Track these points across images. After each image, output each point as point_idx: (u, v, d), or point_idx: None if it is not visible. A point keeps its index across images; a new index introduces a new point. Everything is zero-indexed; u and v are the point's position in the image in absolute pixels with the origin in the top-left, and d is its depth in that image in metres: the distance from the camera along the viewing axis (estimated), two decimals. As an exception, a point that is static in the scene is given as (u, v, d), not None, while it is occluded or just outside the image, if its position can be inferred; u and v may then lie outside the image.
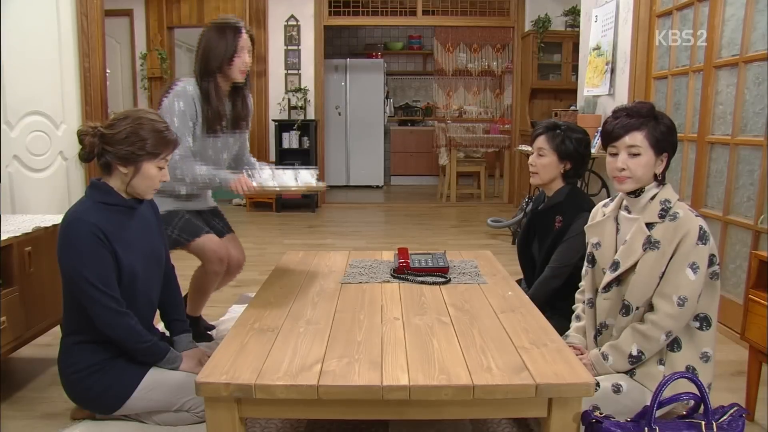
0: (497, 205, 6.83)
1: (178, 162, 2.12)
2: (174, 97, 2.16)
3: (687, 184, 3.14)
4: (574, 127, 2.15)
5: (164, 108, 2.17)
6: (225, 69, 2.18)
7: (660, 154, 1.60)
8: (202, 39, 2.21)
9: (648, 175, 1.61)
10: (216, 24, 2.22)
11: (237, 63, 2.18)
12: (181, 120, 2.15)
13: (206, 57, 2.18)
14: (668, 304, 1.55)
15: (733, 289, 2.78)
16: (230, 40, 2.17)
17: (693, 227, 1.54)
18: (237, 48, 2.17)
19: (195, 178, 2.16)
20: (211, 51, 2.17)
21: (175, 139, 1.78)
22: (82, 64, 3.20)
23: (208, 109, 2.19)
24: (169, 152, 1.76)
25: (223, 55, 2.16)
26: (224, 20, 2.23)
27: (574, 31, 5.85)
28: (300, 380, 1.31)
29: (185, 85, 2.18)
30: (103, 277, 1.66)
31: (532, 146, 2.18)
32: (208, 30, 2.22)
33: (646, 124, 1.59)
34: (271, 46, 6.45)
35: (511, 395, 1.30)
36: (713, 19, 2.90)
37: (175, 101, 2.15)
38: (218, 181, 2.15)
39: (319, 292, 1.95)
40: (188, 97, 2.16)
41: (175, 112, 2.14)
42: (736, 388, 2.13)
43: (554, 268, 2.09)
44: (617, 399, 1.56)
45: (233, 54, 2.17)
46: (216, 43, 2.17)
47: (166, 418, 1.81)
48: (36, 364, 2.36)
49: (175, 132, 1.99)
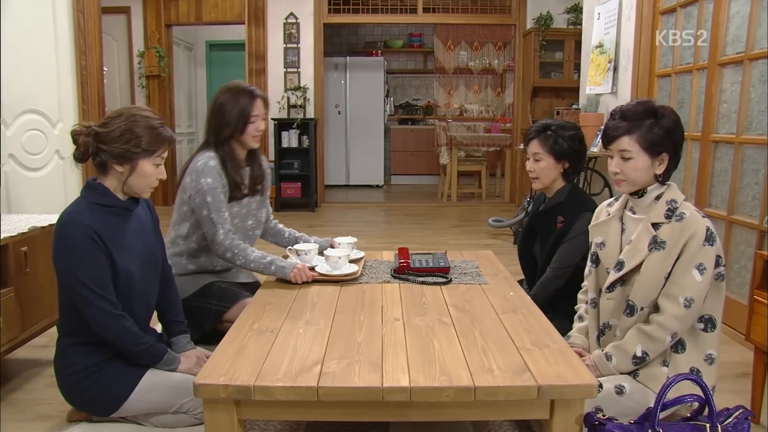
0: (498, 204, 6.81)
1: (225, 243, 2.06)
2: (199, 177, 2.08)
3: (691, 183, 3.12)
4: (565, 125, 2.14)
5: (189, 188, 2.10)
6: (238, 135, 2.14)
7: (656, 156, 1.57)
8: (215, 104, 2.16)
9: (644, 177, 1.59)
10: (229, 89, 2.18)
11: (251, 130, 2.15)
12: (214, 196, 2.07)
13: (220, 123, 2.13)
14: (674, 306, 1.53)
15: (738, 289, 2.76)
16: (244, 106, 2.13)
17: (700, 228, 1.53)
18: (251, 114, 2.14)
19: (247, 263, 2.07)
20: (224, 117, 2.13)
21: (171, 135, 1.75)
22: (79, 62, 3.19)
23: (227, 177, 2.13)
24: (165, 149, 1.73)
25: (236, 121, 2.12)
26: (237, 85, 2.19)
27: (576, 28, 5.83)
28: (299, 382, 1.29)
29: (207, 161, 2.10)
30: (97, 279, 1.64)
31: (527, 152, 2.16)
32: (220, 95, 2.17)
33: (639, 127, 1.56)
34: (271, 44, 6.43)
35: (512, 397, 1.29)
36: (718, 16, 2.88)
37: (202, 180, 2.07)
38: (273, 269, 2.05)
39: (319, 292, 1.93)
40: (213, 171, 2.09)
41: (206, 189, 2.07)
42: (740, 390, 2.11)
43: (556, 268, 2.07)
44: (620, 400, 1.54)
45: (247, 120, 2.13)
46: (229, 108, 2.12)
47: (164, 420, 1.80)
48: (32, 365, 2.35)
49: (213, 215, 2.05)
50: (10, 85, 2.75)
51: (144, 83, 6.48)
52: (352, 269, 2.06)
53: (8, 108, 2.75)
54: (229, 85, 2.20)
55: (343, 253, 2.06)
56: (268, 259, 2.07)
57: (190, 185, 2.11)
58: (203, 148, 2.19)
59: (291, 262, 2.06)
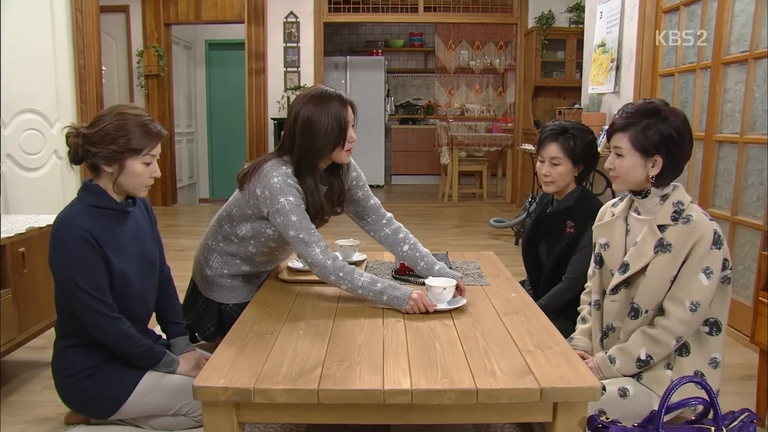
0: (500, 204, 6.80)
1: (328, 264, 1.76)
2: (278, 195, 1.79)
3: (694, 183, 3.10)
4: (582, 128, 2.09)
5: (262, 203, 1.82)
6: (332, 153, 1.84)
7: (649, 157, 1.55)
8: (299, 118, 1.82)
9: (635, 177, 1.57)
10: (312, 96, 1.84)
11: (346, 145, 1.84)
12: (299, 214, 1.78)
13: (310, 141, 1.80)
14: (680, 309, 1.51)
15: (742, 290, 2.74)
16: (339, 116, 1.80)
17: (707, 231, 1.51)
18: (347, 126, 1.82)
19: (354, 288, 1.75)
20: (315, 134, 1.80)
21: (159, 131, 1.69)
22: (77, 61, 3.17)
23: (310, 203, 1.85)
24: (154, 146, 1.69)
25: (332, 137, 1.80)
26: (321, 91, 1.85)
27: (578, 27, 5.81)
28: (300, 384, 1.28)
29: (285, 179, 1.80)
30: (94, 282, 1.63)
31: (542, 154, 2.08)
32: (303, 105, 1.83)
33: (634, 126, 1.54)
34: (270, 44, 6.42)
35: (515, 399, 1.28)
36: (722, 15, 2.86)
37: (282, 199, 1.78)
38: (386, 299, 1.72)
39: (319, 293, 1.92)
40: (292, 188, 1.81)
41: (288, 209, 1.78)
42: (745, 392, 2.09)
43: (571, 279, 2.02)
44: (624, 403, 1.53)
45: (345, 134, 1.82)
46: (320, 122, 1.80)
47: (163, 423, 1.78)
48: (29, 367, 2.33)
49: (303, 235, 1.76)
50: (8, 84, 2.73)
51: (143, 83, 6.46)
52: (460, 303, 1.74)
53: (6, 107, 2.74)
54: (311, 92, 1.86)
55: (448, 284, 1.74)
56: (378, 287, 1.74)
57: (261, 198, 1.83)
58: (277, 156, 1.89)
59: (406, 291, 1.73)
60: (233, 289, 2.03)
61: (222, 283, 2.02)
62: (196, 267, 2.10)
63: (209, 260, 2.03)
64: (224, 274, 2.01)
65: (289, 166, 1.85)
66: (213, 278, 2.02)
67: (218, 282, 2.02)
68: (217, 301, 2.03)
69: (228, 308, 2.02)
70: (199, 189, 7.78)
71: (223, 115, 7.63)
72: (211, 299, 2.03)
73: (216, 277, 2.02)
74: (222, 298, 2.02)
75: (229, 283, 2.02)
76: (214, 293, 2.03)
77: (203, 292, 2.05)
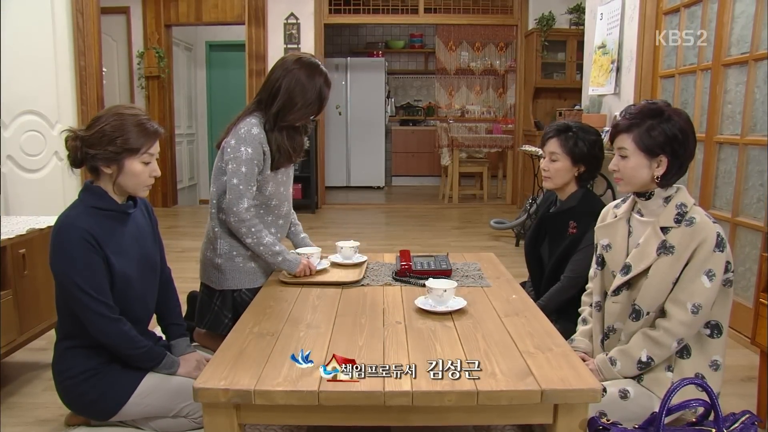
0: (500, 206, 6.79)
1: (246, 217, 2.01)
2: (240, 144, 2.01)
3: (695, 184, 3.10)
4: (587, 128, 2.09)
5: (228, 154, 2.03)
6: (304, 118, 2.05)
7: (654, 157, 1.55)
8: (285, 78, 2.01)
9: (641, 178, 1.57)
10: (304, 63, 2.03)
11: (317, 115, 2.07)
12: (249, 167, 2.01)
13: (290, 103, 2.01)
14: (682, 312, 1.51)
15: (743, 292, 2.73)
16: (322, 92, 2.01)
17: (710, 234, 1.50)
18: (324, 103, 2.03)
19: (257, 244, 2.03)
20: (296, 98, 2.00)
21: (156, 130, 1.70)
22: (78, 63, 3.17)
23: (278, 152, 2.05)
24: (152, 145, 1.69)
25: (310, 105, 2.01)
26: (311, 61, 2.04)
27: (579, 29, 5.81)
28: (300, 386, 1.28)
29: (250, 128, 2.02)
30: (94, 283, 1.62)
31: (543, 149, 2.12)
32: (292, 69, 2.02)
33: (638, 126, 1.54)
34: (271, 45, 6.41)
35: (516, 401, 1.28)
36: (722, 16, 2.86)
37: (242, 148, 2.00)
38: (279, 261, 2.02)
39: (320, 295, 1.91)
40: (255, 141, 2.01)
41: (243, 159, 2.00)
42: (746, 393, 2.09)
43: (570, 278, 2.03)
44: (624, 405, 1.53)
45: (321, 110, 2.01)
46: (304, 88, 1.99)
47: (164, 424, 1.78)
48: (30, 368, 2.33)
49: (242, 186, 1.99)
50: (9, 85, 2.74)
51: (143, 84, 6.46)
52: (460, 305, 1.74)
53: (7, 109, 2.74)
54: (303, 59, 2.04)
55: (449, 285, 1.76)
56: (277, 248, 2.03)
57: (226, 147, 2.04)
58: (252, 111, 2.08)
59: (297, 258, 2.04)
60: (246, 273, 2.12)
61: (235, 267, 2.11)
62: (204, 266, 2.19)
63: (217, 249, 2.12)
64: (234, 255, 2.10)
65: (258, 116, 2.04)
66: (225, 264, 2.12)
67: (231, 266, 2.10)
68: (232, 288, 2.11)
69: (242, 294, 2.11)
70: (200, 190, 7.77)
71: (223, 116, 7.60)
72: (225, 290, 2.12)
73: (227, 262, 2.11)
74: (236, 283, 2.11)
75: (241, 265, 2.11)
76: (228, 281, 2.11)
77: (217, 286, 2.14)
